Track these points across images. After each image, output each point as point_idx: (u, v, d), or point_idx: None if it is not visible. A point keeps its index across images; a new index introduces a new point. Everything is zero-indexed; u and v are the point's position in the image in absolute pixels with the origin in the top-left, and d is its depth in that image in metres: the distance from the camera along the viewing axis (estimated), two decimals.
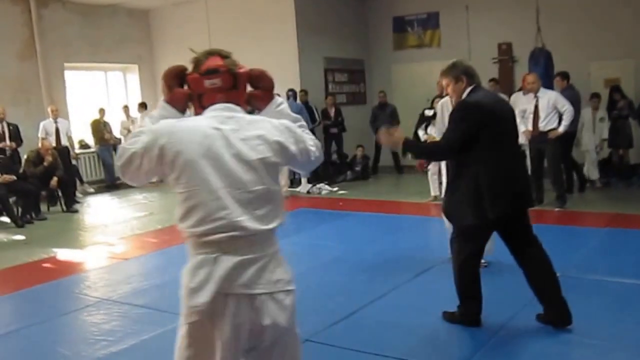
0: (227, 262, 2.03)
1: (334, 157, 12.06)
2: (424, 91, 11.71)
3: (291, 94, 11.10)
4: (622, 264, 5.44)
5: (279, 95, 9.25)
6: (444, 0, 12.39)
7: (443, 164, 8.58)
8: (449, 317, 4.23)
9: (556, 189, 8.07)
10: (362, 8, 13.34)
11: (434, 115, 8.66)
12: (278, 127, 2.17)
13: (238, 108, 2.18)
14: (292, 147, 2.17)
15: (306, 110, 11.06)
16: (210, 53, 2.24)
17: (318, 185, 10.53)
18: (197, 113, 2.22)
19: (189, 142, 2.04)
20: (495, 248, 5.01)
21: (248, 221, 2.04)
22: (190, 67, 2.26)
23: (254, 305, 2.05)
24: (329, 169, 11.49)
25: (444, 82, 4.06)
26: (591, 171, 9.61)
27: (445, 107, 5.62)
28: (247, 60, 8.85)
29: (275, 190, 2.13)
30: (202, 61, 2.22)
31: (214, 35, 12.15)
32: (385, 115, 12.07)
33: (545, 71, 8.72)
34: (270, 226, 2.10)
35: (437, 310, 4.56)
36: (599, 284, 4.95)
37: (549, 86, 8.33)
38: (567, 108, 7.69)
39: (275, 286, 2.09)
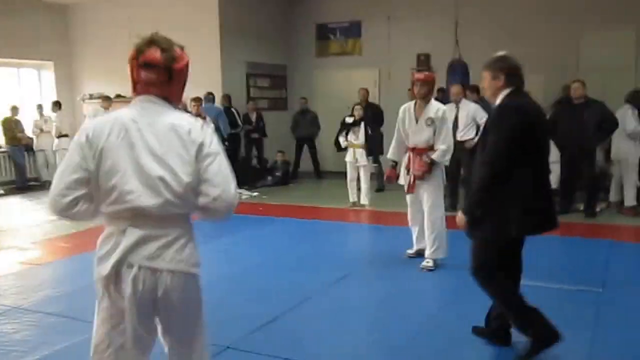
0: (133, 234, 2.22)
1: (255, 162, 12.02)
2: (345, 98, 11.84)
3: (211, 97, 10.98)
4: (531, 268, 5.60)
5: (200, 98, 9.10)
6: (366, 10, 12.59)
7: (363, 171, 8.77)
8: (530, 353, 3.65)
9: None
10: (286, 14, 13.38)
11: (354, 122, 8.82)
12: (194, 124, 2.31)
13: (161, 101, 2.32)
14: (205, 144, 2.28)
15: (227, 115, 10.97)
16: (152, 42, 2.33)
17: (238, 190, 10.42)
18: (133, 96, 2.36)
19: (109, 133, 2.23)
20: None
21: (153, 204, 2.20)
22: (132, 53, 2.35)
23: (154, 277, 2.22)
24: (249, 174, 11.43)
25: (483, 73, 3.63)
26: None
27: (406, 112, 5.76)
28: None
29: (183, 181, 2.23)
30: (142, 50, 2.32)
31: (135, 38, 11.86)
32: (306, 121, 12.15)
33: (462, 82, 9.00)
34: (177, 209, 2.24)
35: (355, 316, 4.62)
36: None
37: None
38: (485, 121, 7.95)
39: (177, 265, 2.26)
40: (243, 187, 10.54)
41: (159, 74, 2.30)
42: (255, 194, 10.57)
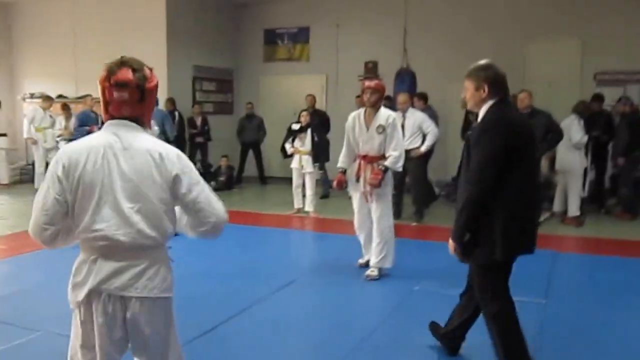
0: (105, 265, 2.30)
1: (199, 166, 11.73)
2: (291, 104, 11.76)
3: (155, 101, 10.67)
4: None
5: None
6: (315, 16, 12.52)
7: (308, 177, 8.64)
8: None
9: (415, 204, 8.32)
10: (234, 18, 13.18)
11: (301, 128, 8.71)
12: (169, 151, 2.36)
13: (134, 125, 2.36)
14: (180, 172, 2.33)
15: (171, 118, 10.68)
16: (123, 63, 2.37)
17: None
18: (105, 119, 2.39)
19: (83, 161, 2.27)
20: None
21: (125, 235, 2.26)
22: (103, 74, 2.37)
23: (124, 304, 2.33)
24: None
25: (465, 83, 3.41)
26: None
27: (356, 120, 5.63)
28: None
29: (157, 209, 2.31)
30: (114, 71, 2.35)
31: (80, 36, 11.54)
32: (252, 126, 11.98)
33: (409, 90, 8.99)
34: (148, 241, 2.31)
35: (296, 326, 4.51)
36: (453, 298, 5.04)
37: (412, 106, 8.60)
38: (431, 129, 8.02)
39: (149, 293, 2.34)
40: None
41: (131, 93, 2.33)
42: None
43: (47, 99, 11.24)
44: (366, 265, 5.80)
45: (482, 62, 3.45)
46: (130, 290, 2.31)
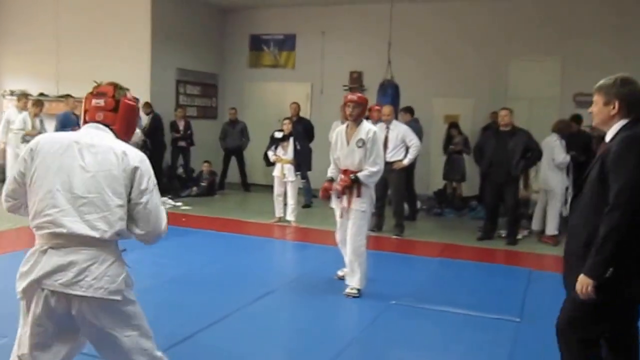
0: (51, 258, 2.36)
1: (180, 170, 11.71)
2: (275, 111, 11.78)
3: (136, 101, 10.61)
4: (453, 294, 5.70)
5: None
6: (301, 24, 12.56)
7: (290, 186, 8.65)
8: None
9: (396, 217, 8.36)
10: (220, 22, 13.18)
11: (283, 137, 8.72)
12: (132, 150, 2.51)
13: (106, 129, 2.56)
14: (140, 170, 2.48)
15: (154, 121, 10.65)
16: (109, 83, 2.66)
17: (161, 199, 10.12)
18: (82, 126, 2.59)
19: (49, 149, 2.44)
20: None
21: (73, 223, 2.35)
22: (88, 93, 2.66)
23: (67, 301, 2.37)
24: (174, 183, 11.13)
25: (594, 96, 3.00)
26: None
27: (339, 135, 5.58)
28: (96, 65, 8.48)
29: (111, 203, 2.40)
30: (98, 85, 2.65)
31: (63, 37, 11.41)
32: (236, 132, 11.95)
33: (392, 102, 9.05)
34: (97, 234, 2.37)
35: (272, 337, 4.51)
36: (431, 313, 5.12)
37: (395, 118, 8.66)
38: (414, 142, 8.07)
39: (94, 292, 2.37)
40: (167, 195, 10.24)
41: (106, 101, 2.58)
42: (179, 204, 10.27)
43: (21, 97, 10.62)
44: (344, 277, 5.74)
45: (620, 75, 3.00)
46: (75, 288, 2.35)
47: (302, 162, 9.07)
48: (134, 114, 2.70)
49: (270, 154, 8.82)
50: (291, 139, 8.74)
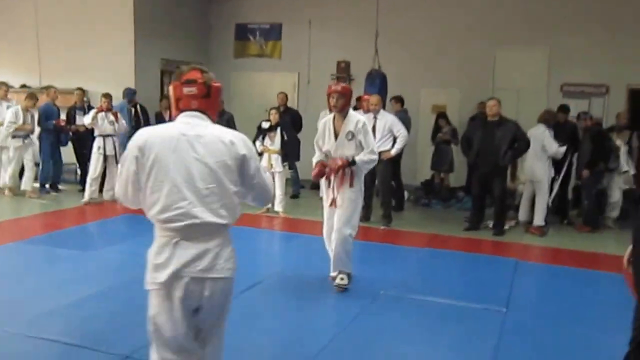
0: (186, 248, 2.53)
1: None
2: (262, 101, 11.71)
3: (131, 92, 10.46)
4: (440, 284, 5.72)
5: (110, 94, 8.56)
6: (287, 13, 12.46)
7: (278, 177, 8.61)
8: None
9: (384, 208, 8.37)
10: (204, 11, 13.04)
11: (270, 127, 8.68)
12: (237, 136, 2.64)
13: (204, 116, 2.66)
14: (247, 155, 2.62)
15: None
16: (193, 68, 2.71)
17: None
18: (174, 115, 2.68)
19: (160, 144, 2.54)
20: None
21: (203, 212, 2.51)
22: (174, 81, 2.72)
23: (202, 285, 2.57)
24: None
25: None
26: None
27: (326, 126, 5.42)
28: (78, 56, 8.35)
29: (229, 189, 2.58)
30: (184, 73, 2.70)
31: (43, 27, 11.23)
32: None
33: (380, 92, 9.02)
34: (223, 220, 2.57)
35: (262, 327, 4.50)
36: (418, 303, 5.14)
37: (383, 108, 8.64)
38: (402, 133, 8.05)
39: (222, 273, 2.59)
40: None
41: (199, 88, 2.64)
42: None
43: (1, 85, 10.13)
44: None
45: None
46: (211, 272, 2.56)
47: (289, 153, 9.04)
48: (220, 96, 2.78)
49: (257, 144, 8.78)
50: (278, 129, 8.70)
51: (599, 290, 5.80)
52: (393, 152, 8.07)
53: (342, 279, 5.34)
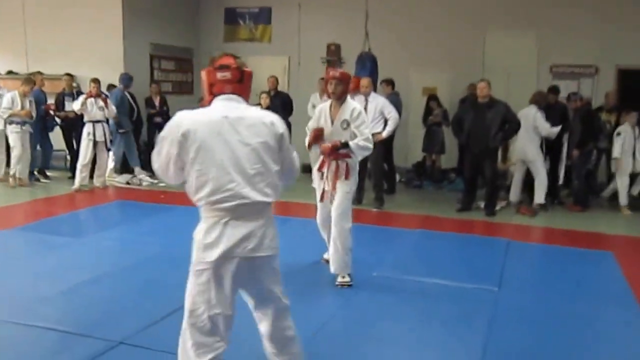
0: (236, 227, 2.61)
1: None
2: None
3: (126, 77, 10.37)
4: (433, 266, 5.75)
5: (98, 79, 8.48)
6: None
7: None
8: None
9: (376, 190, 8.38)
10: None
11: None
12: (275, 117, 2.76)
13: (241, 99, 2.73)
14: (284, 134, 2.75)
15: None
16: (225, 54, 2.81)
17: (139, 176, 10.04)
18: (208, 100, 2.74)
19: (204, 128, 2.59)
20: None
21: (251, 192, 2.59)
22: (207, 68, 2.79)
23: (252, 264, 2.67)
24: (151, 160, 10.99)
25: None
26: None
27: (322, 112, 5.18)
28: (66, 41, 8.26)
29: (272, 169, 2.68)
30: (216, 59, 2.78)
31: (29, 12, 11.11)
32: None
33: (371, 75, 9.00)
34: (269, 199, 2.66)
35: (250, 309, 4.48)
36: (411, 284, 5.16)
37: (374, 90, 8.62)
38: (392, 115, 8.04)
39: (269, 251, 2.70)
40: (145, 172, 10.14)
41: (232, 73, 2.71)
42: (157, 180, 10.17)
43: None
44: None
45: None
46: (259, 251, 2.66)
47: None
48: (251, 82, 2.84)
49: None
50: None
51: (589, 268, 5.84)
52: (384, 134, 8.06)
53: (343, 277, 5.12)
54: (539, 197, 8.39)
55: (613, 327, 4.41)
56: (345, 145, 4.98)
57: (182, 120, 2.64)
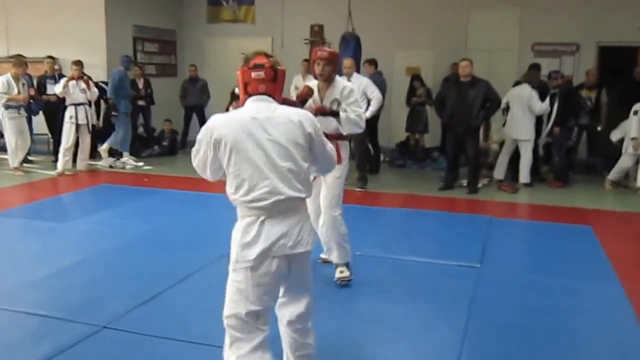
0: (273, 225, 2.64)
1: (141, 130, 11.51)
2: (236, 67, 11.26)
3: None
4: (416, 243, 5.82)
5: (81, 62, 8.37)
6: None
7: None
8: None
9: (359, 170, 8.42)
10: None
11: None
12: (304, 116, 2.77)
13: (271, 99, 2.75)
14: (313, 133, 2.74)
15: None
16: (258, 53, 2.80)
17: (122, 160, 10.00)
18: (243, 99, 2.77)
19: (235, 131, 2.63)
20: None
21: (285, 188, 2.63)
22: (241, 67, 2.80)
23: (291, 260, 2.71)
24: (135, 143, 10.96)
25: None
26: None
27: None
28: (47, 23, 8.20)
29: (303, 166, 2.71)
30: (250, 58, 2.78)
31: None
32: (196, 89, 11.78)
33: (354, 55, 8.99)
34: (303, 194, 2.71)
35: None
36: (394, 263, 5.22)
37: (357, 70, 8.63)
38: (375, 95, 8.04)
39: (307, 247, 2.74)
40: (128, 155, 10.11)
41: (266, 72, 2.72)
42: (141, 164, 10.15)
43: None
44: (328, 261, 4.98)
45: None
46: (298, 247, 2.69)
47: None
48: (284, 80, 2.86)
49: (231, 110, 8.74)
50: None
51: (570, 243, 5.91)
52: (368, 114, 8.04)
53: (341, 272, 4.72)
54: (524, 176, 8.48)
55: (592, 299, 4.49)
56: (335, 114, 4.57)
57: (214, 123, 2.70)
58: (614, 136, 8.63)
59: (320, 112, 4.51)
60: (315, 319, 3.95)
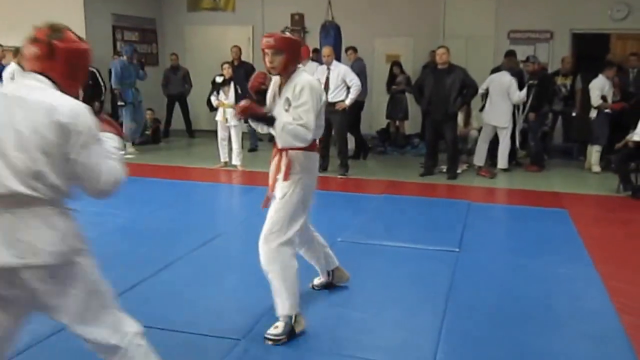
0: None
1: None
2: (217, 55, 11.55)
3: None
4: (396, 229, 5.91)
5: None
6: None
7: (234, 131, 8.63)
8: None
9: (340, 157, 8.50)
10: None
11: (224, 81, 8.67)
12: (72, 107, 2.20)
13: (43, 79, 2.24)
14: (80, 134, 2.21)
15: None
16: (45, 26, 2.31)
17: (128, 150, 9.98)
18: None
19: None
20: None
21: (14, 184, 2.16)
22: None
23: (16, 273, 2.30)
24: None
25: None
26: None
27: (275, 86, 3.74)
28: (24, 12, 8.19)
29: (40, 161, 2.17)
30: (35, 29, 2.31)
31: None
32: (177, 78, 11.77)
33: (334, 44, 9.06)
34: (36, 193, 2.21)
35: (220, 279, 4.55)
36: (373, 248, 5.30)
37: (338, 59, 8.70)
38: (354, 82, 8.12)
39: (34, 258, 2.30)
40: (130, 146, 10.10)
41: (40, 47, 2.25)
42: (122, 152, 10.10)
43: None
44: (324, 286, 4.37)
45: None
46: (25, 257, 2.32)
47: None
48: (77, 57, 2.34)
49: (212, 98, 8.79)
50: (232, 83, 8.70)
51: (546, 226, 6.04)
52: (347, 101, 8.16)
53: (275, 327, 3.56)
54: (503, 162, 8.63)
55: (567, 281, 4.61)
56: (268, 119, 3.46)
57: None
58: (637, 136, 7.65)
59: (249, 114, 3.50)
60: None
